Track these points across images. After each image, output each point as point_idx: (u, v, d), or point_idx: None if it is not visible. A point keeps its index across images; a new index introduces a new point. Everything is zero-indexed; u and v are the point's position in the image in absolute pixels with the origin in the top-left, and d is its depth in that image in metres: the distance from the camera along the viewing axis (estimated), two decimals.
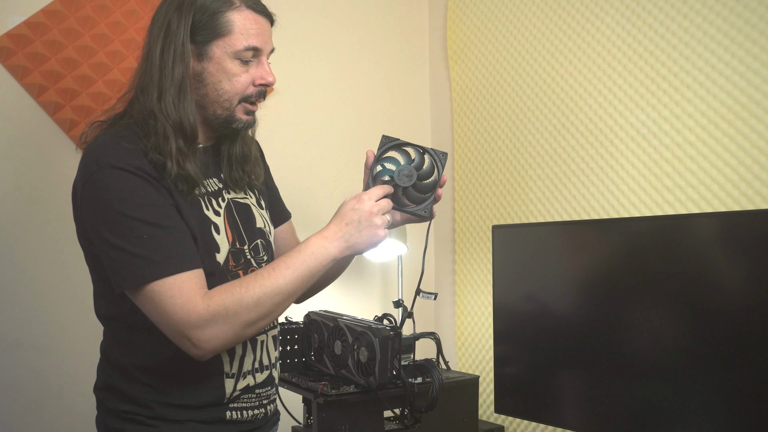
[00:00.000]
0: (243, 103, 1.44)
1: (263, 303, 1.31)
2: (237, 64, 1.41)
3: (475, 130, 2.60)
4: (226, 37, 1.40)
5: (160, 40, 1.39)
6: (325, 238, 1.36)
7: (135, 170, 1.31)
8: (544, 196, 2.32)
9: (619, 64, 2.11)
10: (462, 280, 2.63)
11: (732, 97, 1.84)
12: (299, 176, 2.45)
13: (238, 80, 1.41)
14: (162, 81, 1.38)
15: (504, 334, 1.93)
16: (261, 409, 1.46)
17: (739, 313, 1.49)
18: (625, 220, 1.77)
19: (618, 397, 1.66)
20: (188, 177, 1.37)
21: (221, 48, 1.40)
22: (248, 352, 1.44)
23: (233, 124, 1.44)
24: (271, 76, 1.44)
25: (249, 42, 1.40)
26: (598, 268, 1.75)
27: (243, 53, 1.40)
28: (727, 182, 1.84)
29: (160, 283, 1.28)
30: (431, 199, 1.42)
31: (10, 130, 1.98)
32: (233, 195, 1.50)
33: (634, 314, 1.64)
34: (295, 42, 2.51)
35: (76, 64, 2.05)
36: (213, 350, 1.31)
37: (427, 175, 1.41)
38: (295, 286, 1.34)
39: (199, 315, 1.28)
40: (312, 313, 1.58)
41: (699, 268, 1.56)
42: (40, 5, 2.01)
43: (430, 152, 1.43)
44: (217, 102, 1.42)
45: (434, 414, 1.47)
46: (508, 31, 2.48)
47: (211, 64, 1.40)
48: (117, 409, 1.39)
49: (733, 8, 1.83)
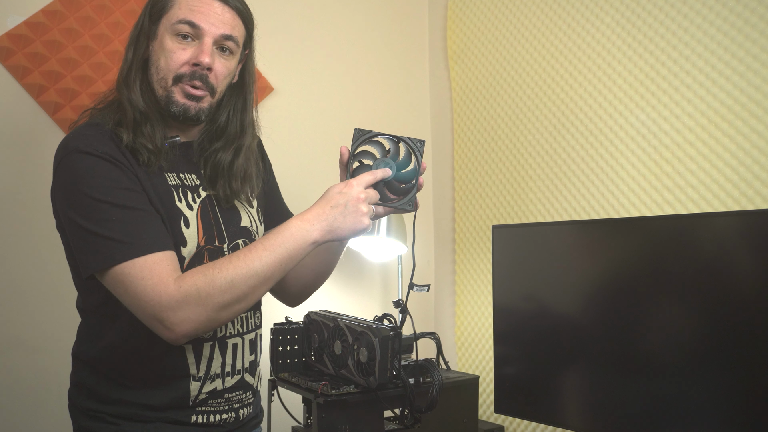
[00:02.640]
0: (180, 85, 1.38)
1: (237, 285, 1.26)
2: (175, 41, 1.37)
3: (475, 130, 2.60)
4: (168, 12, 1.38)
5: (134, 25, 1.43)
6: (307, 221, 1.31)
7: (102, 155, 1.30)
8: (544, 196, 2.32)
9: (619, 64, 2.11)
10: (462, 280, 2.63)
11: (732, 97, 1.84)
12: (298, 176, 2.45)
13: (173, 57, 1.37)
14: (123, 64, 1.41)
15: (504, 334, 1.93)
16: (231, 413, 1.45)
17: (748, 310, 1.49)
18: (625, 220, 1.77)
19: (619, 397, 1.66)
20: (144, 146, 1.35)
21: (164, 25, 1.38)
22: (216, 354, 1.41)
23: (172, 108, 1.38)
24: (206, 57, 1.37)
25: (185, 15, 1.36)
26: (598, 268, 1.75)
27: (178, 26, 1.36)
28: (727, 182, 1.84)
29: (130, 264, 1.25)
30: (414, 191, 1.39)
31: (11, 130, 1.98)
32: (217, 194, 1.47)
33: (636, 314, 1.64)
34: (294, 42, 2.51)
35: (76, 64, 2.05)
36: (186, 334, 1.27)
37: (405, 165, 1.40)
38: (272, 269, 1.29)
39: (170, 296, 1.24)
40: (312, 313, 1.58)
41: (704, 267, 1.56)
42: (40, 5, 2.01)
43: (405, 141, 1.40)
44: (158, 81, 1.39)
45: (434, 414, 1.46)
46: (508, 31, 2.48)
47: (155, 42, 1.40)
48: (84, 406, 1.39)
49: (733, 8, 1.83)
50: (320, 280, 1.64)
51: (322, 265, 1.61)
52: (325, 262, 1.60)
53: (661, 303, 1.61)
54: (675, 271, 1.58)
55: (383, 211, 1.46)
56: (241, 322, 1.47)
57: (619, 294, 1.69)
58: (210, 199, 1.45)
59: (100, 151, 1.30)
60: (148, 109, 1.38)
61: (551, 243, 1.85)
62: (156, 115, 1.40)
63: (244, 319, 1.48)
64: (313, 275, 1.62)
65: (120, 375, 1.37)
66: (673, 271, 1.59)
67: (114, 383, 1.37)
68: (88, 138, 1.33)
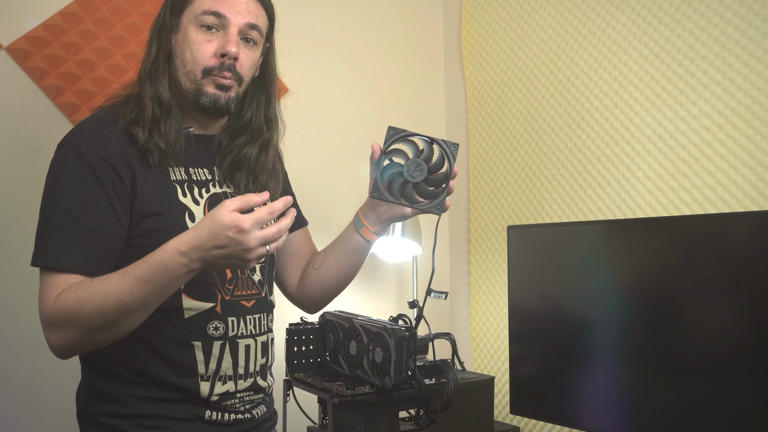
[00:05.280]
0: (210, 77, 1.38)
1: (106, 313, 1.22)
2: (200, 33, 1.37)
3: (490, 130, 2.59)
4: (192, 3, 1.38)
5: (155, 19, 1.43)
6: (185, 255, 1.19)
7: (86, 150, 1.31)
8: (560, 197, 2.31)
9: (635, 64, 2.10)
10: (477, 280, 2.63)
11: (750, 96, 1.82)
12: (313, 176, 2.45)
13: (199, 49, 1.36)
14: (146, 58, 1.40)
15: (519, 335, 1.92)
16: (246, 414, 1.44)
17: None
18: (642, 220, 1.76)
19: (637, 398, 1.65)
20: (157, 146, 1.35)
21: (187, 17, 1.38)
22: (225, 354, 1.41)
23: (201, 99, 1.38)
24: (233, 46, 1.36)
25: (209, 6, 1.36)
26: (615, 269, 1.74)
27: (203, 18, 1.36)
28: (745, 182, 1.82)
29: (42, 271, 1.30)
30: (444, 195, 1.37)
31: (29, 131, 1.99)
32: (232, 190, 1.47)
33: (655, 314, 1.63)
34: (309, 43, 2.52)
35: (93, 66, 2.07)
36: (62, 353, 1.28)
37: (437, 168, 1.38)
38: (144, 300, 1.22)
39: (47, 313, 1.27)
40: (327, 314, 1.58)
41: (723, 267, 1.54)
42: (57, 8, 2.03)
43: (439, 143, 1.38)
44: (185, 74, 1.39)
45: (450, 415, 1.46)
46: (522, 31, 2.47)
47: (179, 35, 1.39)
48: (93, 412, 1.38)
49: (751, 6, 1.81)
50: (343, 284, 1.63)
51: (346, 269, 1.59)
52: (350, 266, 1.58)
53: (681, 304, 1.60)
54: (696, 272, 1.57)
55: (410, 212, 1.45)
56: (254, 323, 1.46)
57: (637, 295, 1.68)
58: (225, 196, 1.45)
59: (87, 146, 1.31)
60: (171, 103, 1.39)
61: (567, 243, 1.84)
62: (177, 109, 1.40)
63: (257, 321, 1.47)
64: (337, 280, 1.60)
65: (132, 372, 1.36)
66: (695, 272, 1.58)
67: (124, 381, 1.36)
68: (87, 131, 1.35)
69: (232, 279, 1.43)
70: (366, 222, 1.51)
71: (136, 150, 1.35)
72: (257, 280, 1.48)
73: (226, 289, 1.42)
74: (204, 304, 1.39)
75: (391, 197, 1.38)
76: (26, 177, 1.98)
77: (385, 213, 1.49)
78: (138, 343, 1.36)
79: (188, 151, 1.43)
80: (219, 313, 1.40)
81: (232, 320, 1.42)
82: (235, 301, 1.43)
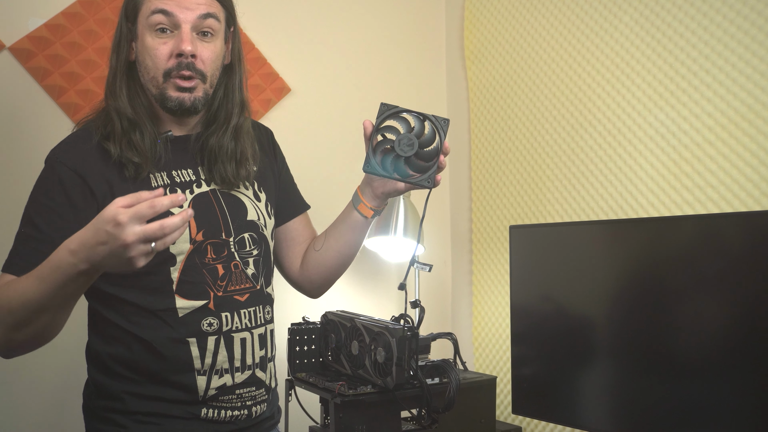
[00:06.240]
0: (171, 80, 1.36)
1: (16, 311, 1.22)
2: (155, 37, 1.35)
3: (492, 130, 2.59)
4: (142, 8, 1.36)
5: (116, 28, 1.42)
6: (73, 253, 1.15)
7: (59, 165, 1.36)
8: (562, 197, 2.31)
9: (637, 63, 2.10)
10: (479, 280, 2.62)
11: (752, 96, 1.82)
12: (315, 175, 2.45)
13: (156, 53, 1.35)
14: (108, 72, 1.42)
15: (521, 335, 1.92)
16: (243, 410, 1.45)
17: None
18: (645, 220, 1.76)
19: (639, 399, 1.65)
20: (130, 161, 1.36)
21: (141, 23, 1.37)
22: (221, 348, 1.42)
23: (167, 104, 1.38)
24: (187, 44, 1.34)
25: (155, 4, 1.34)
26: (617, 269, 1.74)
27: (153, 18, 1.34)
28: (747, 182, 1.82)
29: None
30: (434, 169, 1.37)
31: (31, 131, 2.00)
32: (221, 186, 1.47)
33: (657, 314, 1.63)
34: (311, 42, 2.52)
35: (95, 66, 2.07)
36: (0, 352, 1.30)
37: (428, 143, 1.37)
38: (47, 299, 1.20)
39: None
40: (329, 313, 1.59)
41: (727, 267, 1.54)
42: (59, 8, 2.03)
43: (430, 119, 1.38)
44: (149, 81, 1.38)
45: (451, 414, 1.46)
46: (525, 30, 2.47)
47: (138, 43, 1.38)
48: (95, 406, 1.42)
49: (753, 6, 1.81)
50: (345, 264, 1.63)
51: (347, 247, 1.59)
52: (350, 243, 1.58)
53: (683, 304, 1.60)
54: (698, 272, 1.57)
55: (403, 187, 1.45)
56: (248, 317, 1.47)
57: (639, 295, 1.68)
58: (213, 193, 1.46)
59: (60, 160, 1.36)
60: (136, 115, 1.39)
61: (569, 243, 1.84)
62: (146, 119, 1.40)
63: (252, 314, 1.48)
64: (338, 259, 1.60)
65: (130, 370, 1.39)
66: (696, 272, 1.57)
67: (123, 378, 1.39)
68: (65, 147, 1.40)
69: (224, 275, 1.44)
70: (363, 198, 1.53)
71: (113, 164, 1.38)
72: (251, 273, 1.49)
73: (218, 286, 1.43)
74: (196, 302, 1.41)
75: (382, 171, 1.37)
76: (28, 176, 1.98)
77: (379, 188, 1.50)
78: (136, 342, 1.38)
79: (169, 155, 1.43)
80: (212, 310, 1.42)
81: (225, 315, 1.43)
82: (227, 297, 1.44)
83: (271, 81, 2.39)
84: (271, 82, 2.39)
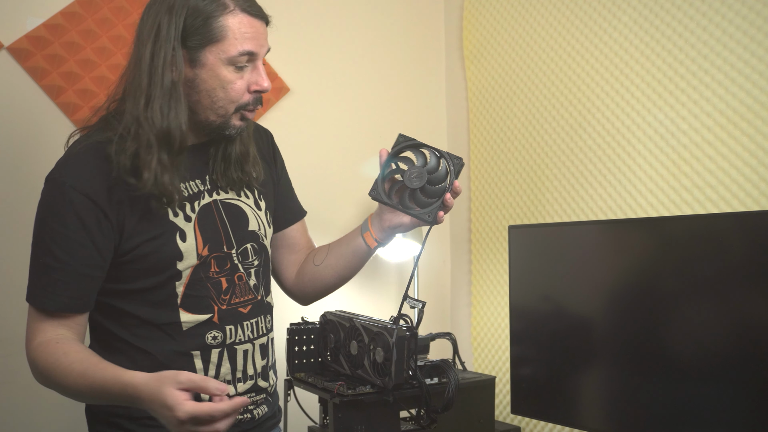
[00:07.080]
0: (241, 111, 1.38)
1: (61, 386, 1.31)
2: (231, 71, 1.34)
3: (491, 130, 2.59)
4: (220, 42, 1.32)
5: (149, 44, 1.32)
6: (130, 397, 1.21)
7: (69, 189, 1.30)
8: (561, 197, 2.31)
9: (636, 63, 2.10)
10: (478, 280, 2.62)
11: (751, 96, 1.82)
12: (313, 176, 2.45)
13: (233, 87, 1.35)
14: (151, 88, 1.32)
15: (520, 335, 1.92)
16: (246, 414, 1.46)
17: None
18: (644, 220, 1.76)
19: (637, 399, 1.65)
20: (163, 193, 1.32)
21: (215, 54, 1.32)
22: (224, 361, 1.43)
23: (226, 131, 1.39)
24: (266, 81, 1.37)
25: (244, 47, 1.33)
26: (616, 269, 1.74)
27: (237, 59, 1.33)
28: (746, 182, 1.82)
29: (29, 306, 1.36)
30: (437, 205, 1.38)
31: (30, 131, 2.00)
32: (223, 196, 1.46)
33: (656, 315, 1.63)
34: (310, 42, 2.52)
35: (94, 66, 2.07)
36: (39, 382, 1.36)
37: (438, 180, 1.39)
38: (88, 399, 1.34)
39: (28, 353, 1.35)
40: (328, 314, 1.58)
41: (728, 268, 1.54)
42: (58, 7, 2.03)
43: (445, 156, 1.39)
44: (211, 109, 1.36)
45: (450, 415, 1.46)
46: (524, 31, 2.47)
47: (204, 71, 1.33)
48: (98, 409, 1.42)
49: (752, 6, 1.81)
50: (341, 283, 1.63)
51: (346, 270, 1.59)
52: (350, 267, 1.59)
53: (682, 304, 1.60)
54: (697, 272, 1.57)
55: (409, 222, 1.45)
56: (251, 329, 1.48)
57: (638, 295, 1.68)
58: (215, 204, 1.45)
59: (72, 185, 1.31)
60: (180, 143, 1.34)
61: (568, 243, 1.84)
62: (182, 146, 1.35)
63: (254, 325, 1.49)
64: (336, 278, 1.61)
65: None
66: (695, 272, 1.57)
67: None
68: (71, 167, 1.33)
69: (227, 289, 1.44)
70: (371, 227, 1.52)
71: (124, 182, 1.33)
72: (252, 284, 1.49)
73: (222, 299, 1.43)
74: (201, 316, 1.41)
75: (386, 198, 1.40)
76: (27, 176, 1.98)
77: (387, 221, 1.49)
78: (139, 354, 1.38)
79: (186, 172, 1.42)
80: (216, 323, 1.42)
81: (230, 328, 1.44)
82: (232, 310, 1.44)
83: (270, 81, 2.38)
84: (270, 81, 2.38)
